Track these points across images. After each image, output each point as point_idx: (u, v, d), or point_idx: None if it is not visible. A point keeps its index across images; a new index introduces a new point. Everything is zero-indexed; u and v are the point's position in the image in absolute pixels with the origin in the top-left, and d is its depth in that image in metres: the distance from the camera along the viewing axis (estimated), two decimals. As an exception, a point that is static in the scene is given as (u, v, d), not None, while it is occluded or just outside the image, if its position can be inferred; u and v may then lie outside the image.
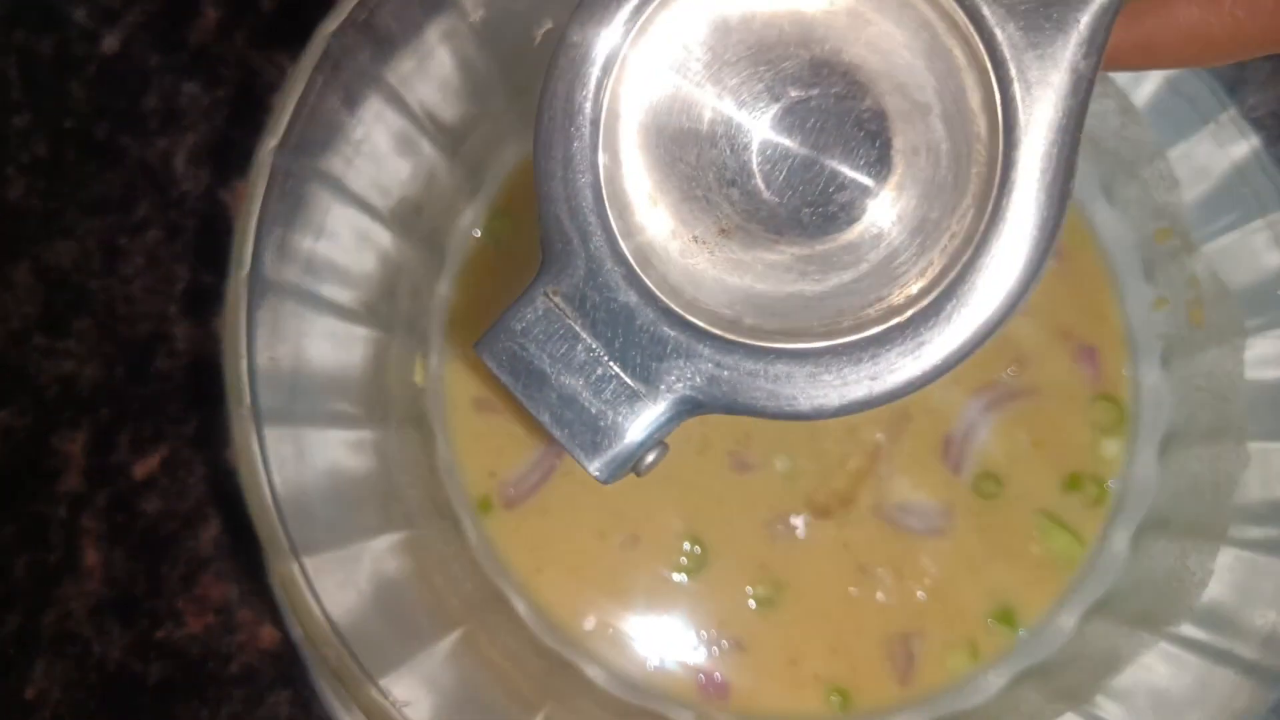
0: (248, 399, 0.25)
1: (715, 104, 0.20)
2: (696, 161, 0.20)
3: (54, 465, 0.37)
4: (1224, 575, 0.29)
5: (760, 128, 0.20)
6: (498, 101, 0.32)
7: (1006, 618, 0.32)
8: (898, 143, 0.19)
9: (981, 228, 0.18)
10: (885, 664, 0.32)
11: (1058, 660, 0.31)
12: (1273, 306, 0.30)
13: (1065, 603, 0.32)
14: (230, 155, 0.38)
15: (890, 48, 0.19)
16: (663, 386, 0.19)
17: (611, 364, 0.19)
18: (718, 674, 0.32)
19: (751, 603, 0.32)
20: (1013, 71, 0.18)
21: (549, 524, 0.33)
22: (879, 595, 0.32)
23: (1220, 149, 0.31)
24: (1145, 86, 0.31)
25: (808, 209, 0.20)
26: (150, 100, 0.39)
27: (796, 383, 0.19)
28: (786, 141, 0.20)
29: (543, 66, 0.19)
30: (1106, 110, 0.32)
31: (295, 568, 0.25)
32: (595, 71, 0.19)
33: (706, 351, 0.19)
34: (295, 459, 0.27)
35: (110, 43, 0.39)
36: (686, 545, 0.32)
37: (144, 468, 0.37)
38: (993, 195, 0.18)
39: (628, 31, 0.19)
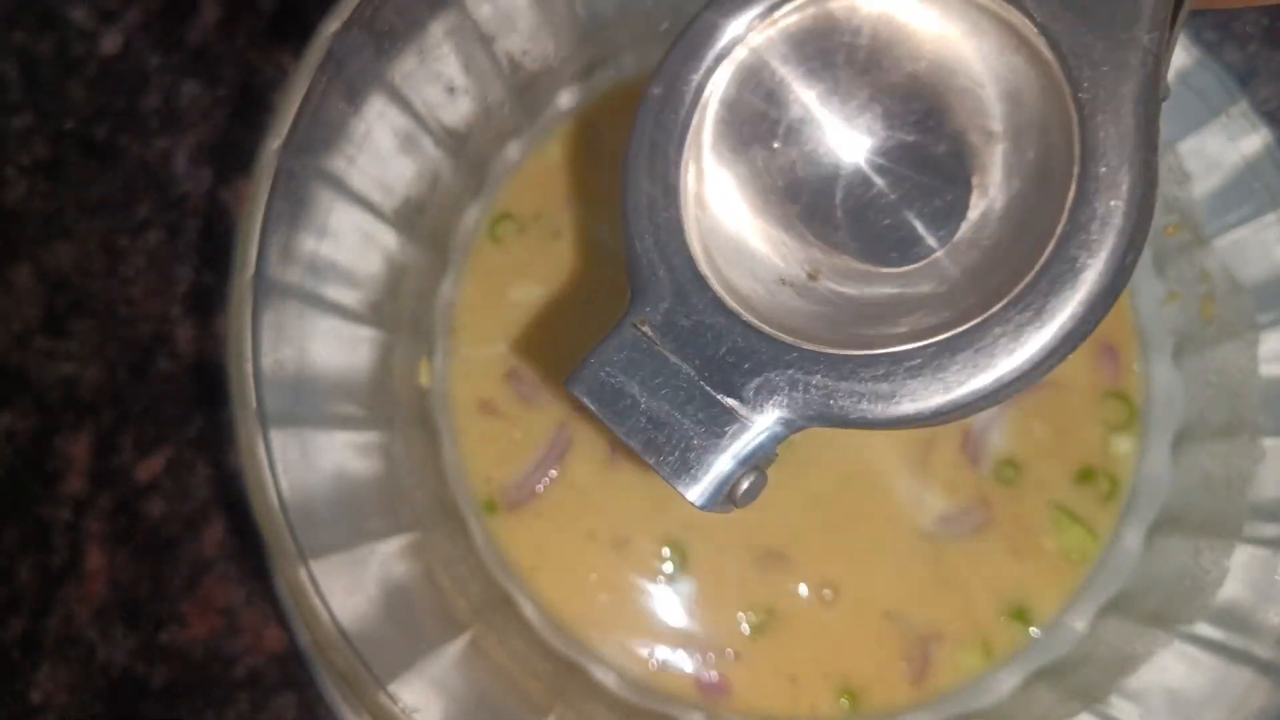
0: (253, 402, 0.25)
1: (795, 151, 0.20)
2: (781, 210, 0.20)
3: (57, 468, 0.37)
4: (1239, 573, 0.29)
5: (842, 172, 0.20)
6: (501, 101, 0.31)
7: (1020, 615, 0.32)
8: (976, 170, 0.20)
9: (1064, 215, 0.18)
10: (899, 664, 0.32)
11: (1071, 659, 0.31)
12: (1286, 301, 0.30)
13: (1079, 600, 0.32)
14: (231, 155, 0.38)
15: (959, 73, 0.20)
16: (756, 406, 0.19)
17: (704, 386, 0.19)
18: (717, 675, 0.32)
19: (748, 618, 0.32)
20: (1081, 60, 0.18)
21: (546, 526, 0.33)
22: (898, 595, 0.32)
23: (1231, 142, 0.30)
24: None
25: (895, 252, 0.20)
26: (150, 100, 0.38)
27: (896, 382, 0.19)
28: (868, 183, 0.20)
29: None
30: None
31: (303, 573, 0.25)
32: (679, 120, 0.20)
33: (799, 363, 0.19)
34: (301, 462, 0.26)
35: (110, 43, 0.39)
36: (667, 551, 0.32)
37: (147, 470, 0.37)
38: (1073, 182, 0.18)
39: (708, 78, 0.20)
